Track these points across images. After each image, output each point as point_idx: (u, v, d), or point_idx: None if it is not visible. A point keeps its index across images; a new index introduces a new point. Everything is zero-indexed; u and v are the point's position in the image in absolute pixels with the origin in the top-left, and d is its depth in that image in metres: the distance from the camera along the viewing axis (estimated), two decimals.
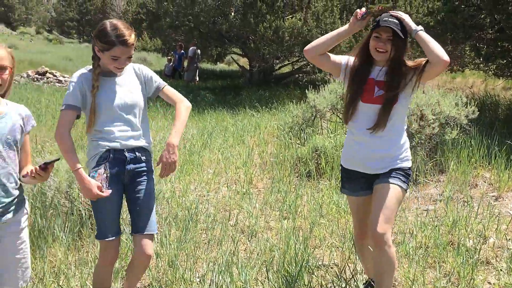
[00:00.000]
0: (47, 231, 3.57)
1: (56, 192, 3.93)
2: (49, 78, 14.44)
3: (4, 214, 2.13)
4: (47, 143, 6.19)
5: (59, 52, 26.38)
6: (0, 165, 2.09)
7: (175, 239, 3.69)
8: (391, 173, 2.67)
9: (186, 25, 15.26)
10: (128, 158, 2.52)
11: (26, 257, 2.28)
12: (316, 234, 3.93)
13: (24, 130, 2.23)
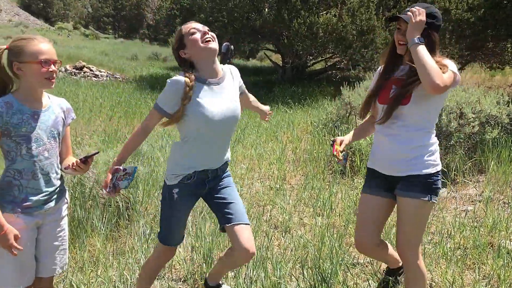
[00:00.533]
0: (86, 221, 3.65)
1: (94, 183, 4.02)
2: (86, 73, 14.77)
3: (46, 203, 2.19)
4: (86, 136, 6.34)
5: (96, 47, 26.95)
6: (44, 156, 2.15)
7: (210, 232, 3.71)
8: (410, 182, 2.43)
9: (220, 21, 15.35)
10: (210, 177, 2.49)
11: (65, 244, 2.36)
12: (351, 232, 3.89)
13: (65, 122, 2.30)
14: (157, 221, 3.91)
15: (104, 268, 3.16)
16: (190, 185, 2.46)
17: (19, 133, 2.07)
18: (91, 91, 10.80)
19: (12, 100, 2.09)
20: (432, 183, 2.43)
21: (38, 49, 2.06)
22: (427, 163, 2.43)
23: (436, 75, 2.19)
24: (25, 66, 2.06)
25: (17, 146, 2.08)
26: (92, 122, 7.88)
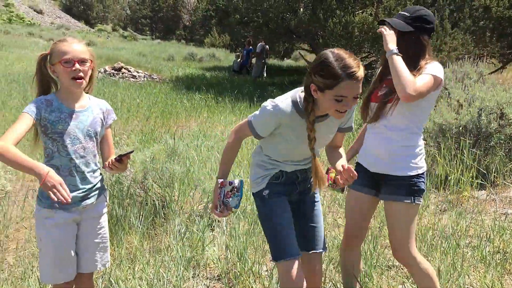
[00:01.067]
0: (124, 219, 3.75)
1: (132, 182, 4.12)
2: (124, 74, 15.08)
3: (84, 200, 2.26)
4: (124, 135, 6.49)
5: (133, 48, 27.50)
6: (80, 154, 2.22)
7: (244, 232, 3.75)
8: (393, 185, 2.45)
9: (255, 21, 15.42)
10: (300, 178, 2.35)
11: (105, 242, 2.42)
12: (386, 234, 3.84)
13: (105, 123, 2.36)
14: (192, 220, 3.98)
15: (141, 265, 3.24)
16: (280, 185, 2.30)
17: (55, 130, 2.14)
18: (129, 92, 11.03)
19: (53, 98, 2.18)
20: (414, 184, 2.44)
21: (62, 50, 2.12)
22: (409, 165, 2.44)
23: (407, 85, 2.24)
24: (55, 67, 2.15)
25: (53, 143, 2.16)
26: (130, 122, 8.07)
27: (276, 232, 2.21)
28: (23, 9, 44.46)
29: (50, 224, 2.19)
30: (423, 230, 3.89)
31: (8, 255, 3.38)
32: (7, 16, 38.30)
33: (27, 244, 3.52)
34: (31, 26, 34.23)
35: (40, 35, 27.04)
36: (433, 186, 5.09)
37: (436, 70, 2.37)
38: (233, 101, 10.73)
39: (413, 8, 2.43)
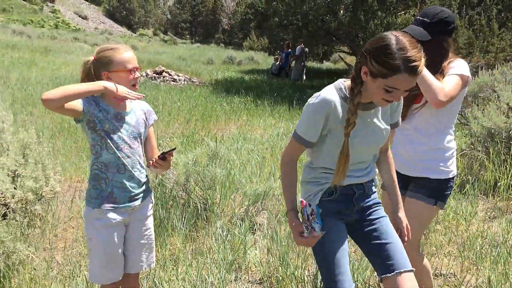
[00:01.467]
0: (167, 221, 3.79)
1: (175, 184, 4.17)
2: (165, 77, 15.35)
3: (132, 200, 2.30)
4: (167, 138, 6.59)
5: (174, 52, 27.96)
6: (127, 154, 2.27)
7: (285, 236, 3.72)
8: (420, 185, 2.44)
9: (294, 24, 15.37)
10: (357, 194, 2.08)
11: (151, 243, 2.46)
12: (432, 241, 3.74)
13: (147, 124, 2.41)
14: (233, 222, 3.99)
15: (184, 267, 3.26)
16: (333, 202, 2.06)
17: (103, 128, 2.20)
18: (169, 95, 11.21)
19: (99, 100, 2.24)
20: (440, 188, 2.42)
21: (125, 58, 2.20)
22: (439, 168, 2.41)
23: (436, 92, 2.22)
24: (114, 75, 2.20)
25: (101, 140, 2.21)
26: (171, 125, 8.19)
27: (327, 260, 1.96)
28: (68, 15, 46.02)
29: (100, 225, 2.23)
30: (472, 238, 3.76)
31: (57, 254, 3.48)
32: (54, 22, 39.74)
33: (75, 244, 3.61)
34: (76, 32, 35.39)
35: (85, 40, 27.90)
36: (482, 192, 4.92)
37: (462, 68, 2.33)
38: (272, 104, 10.73)
39: (431, 12, 2.35)
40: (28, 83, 10.94)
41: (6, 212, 3.30)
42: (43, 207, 3.73)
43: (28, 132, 3.68)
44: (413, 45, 1.73)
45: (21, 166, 3.41)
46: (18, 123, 6.57)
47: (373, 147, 2.02)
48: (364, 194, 2.09)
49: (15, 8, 39.64)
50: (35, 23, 36.93)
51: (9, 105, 7.24)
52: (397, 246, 1.99)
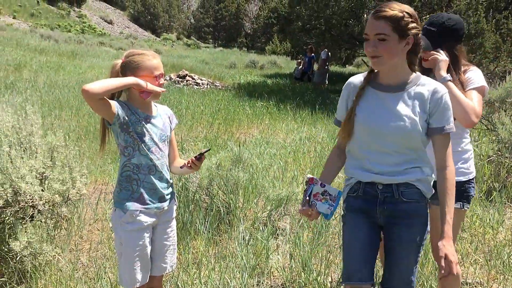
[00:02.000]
0: (190, 224, 3.82)
1: (198, 188, 4.20)
2: (188, 81, 15.49)
3: (162, 201, 2.34)
4: (191, 142, 6.65)
5: (197, 56, 28.21)
6: (158, 157, 2.32)
7: (308, 241, 3.71)
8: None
9: (317, 28, 15.33)
10: (381, 196, 2.03)
11: (174, 244, 2.50)
12: (458, 249, 3.67)
13: (171, 127, 2.46)
14: (256, 227, 3.99)
15: (207, 271, 3.28)
16: (357, 199, 2.08)
17: (135, 131, 2.25)
18: (193, 99, 11.30)
19: (129, 104, 2.28)
20: (464, 191, 2.43)
21: (153, 65, 2.26)
22: (460, 170, 2.41)
23: (470, 113, 2.28)
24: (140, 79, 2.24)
25: (134, 141, 2.26)
26: (194, 128, 8.25)
27: (345, 252, 2.09)
28: (94, 19, 46.86)
29: (132, 228, 2.26)
30: (499, 246, 3.68)
31: (82, 255, 3.54)
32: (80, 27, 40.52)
33: (100, 246, 3.67)
34: (102, 36, 36.00)
35: (110, 44, 28.35)
36: (509, 200, 4.82)
37: (479, 79, 2.40)
38: (295, 109, 10.71)
39: (438, 20, 2.36)
40: (55, 86, 11.17)
41: (33, 214, 3.37)
42: (69, 209, 3.80)
43: (56, 135, 3.75)
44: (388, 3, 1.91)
45: (49, 168, 3.48)
46: (45, 126, 6.72)
47: (393, 133, 1.94)
48: (393, 199, 2.00)
49: (43, 13, 40.56)
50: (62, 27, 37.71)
51: (38, 108, 7.41)
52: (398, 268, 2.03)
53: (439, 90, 1.95)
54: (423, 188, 2.00)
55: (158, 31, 54.21)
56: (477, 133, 6.53)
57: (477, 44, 11.59)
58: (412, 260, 2.02)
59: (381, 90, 2.00)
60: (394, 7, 1.87)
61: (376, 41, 1.89)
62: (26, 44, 19.02)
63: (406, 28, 1.88)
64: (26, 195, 3.19)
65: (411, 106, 1.95)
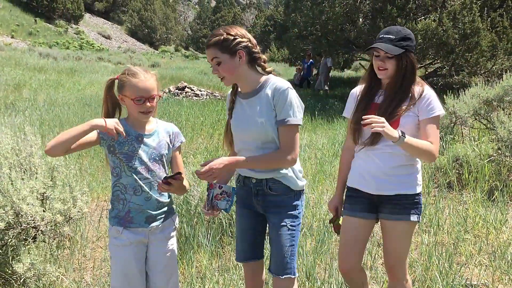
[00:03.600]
0: (192, 238, 3.82)
1: (199, 201, 4.20)
2: (188, 92, 15.51)
3: (149, 222, 2.33)
4: (191, 155, 6.65)
5: (195, 67, 28.25)
6: (144, 175, 2.31)
7: (311, 250, 3.70)
8: (398, 204, 2.40)
9: (313, 34, 15.38)
10: (254, 189, 2.37)
11: (172, 265, 2.45)
12: (462, 251, 3.66)
13: (172, 146, 2.42)
14: None
15: (211, 284, 3.27)
16: (240, 190, 2.45)
17: (121, 151, 2.27)
18: (192, 110, 11.31)
19: (123, 123, 2.30)
20: (418, 202, 2.43)
21: (135, 87, 2.22)
22: (416, 182, 2.44)
23: (431, 154, 2.30)
24: (125, 99, 2.27)
25: (120, 162, 2.29)
26: (194, 140, 8.26)
27: (236, 236, 2.56)
28: (92, 35, 47.10)
29: (118, 243, 2.31)
30: (503, 246, 3.67)
31: (86, 274, 3.54)
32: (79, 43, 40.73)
33: (103, 263, 3.67)
34: (100, 51, 36.16)
35: (109, 59, 28.45)
36: (511, 199, 4.80)
37: (437, 106, 2.35)
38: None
39: (395, 30, 2.39)
40: (55, 104, 11.21)
41: (36, 235, 3.38)
42: (72, 228, 3.81)
43: None
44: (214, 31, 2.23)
45: (50, 188, 3.50)
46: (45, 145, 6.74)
47: (251, 132, 2.25)
48: (264, 191, 2.32)
49: (41, 32, 40.79)
50: (61, 45, 37.90)
51: (37, 128, 7.44)
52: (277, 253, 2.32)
53: (280, 86, 2.21)
54: (288, 183, 2.30)
55: (156, 44, 54.41)
56: (476, 133, 6.52)
57: (473, 43, 11.61)
58: (286, 243, 2.30)
59: (242, 98, 2.33)
60: (215, 33, 2.20)
61: (215, 65, 2.21)
62: (25, 63, 19.11)
63: (232, 46, 2.17)
64: (28, 217, 3.21)
65: (264, 106, 2.23)
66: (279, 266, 2.32)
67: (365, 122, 2.17)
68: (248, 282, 2.57)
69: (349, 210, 2.54)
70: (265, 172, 2.29)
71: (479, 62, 11.94)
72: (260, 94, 2.25)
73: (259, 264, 2.53)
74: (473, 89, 6.65)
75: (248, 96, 2.30)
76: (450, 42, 11.80)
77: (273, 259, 2.35)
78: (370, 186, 2.45)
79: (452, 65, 12.70)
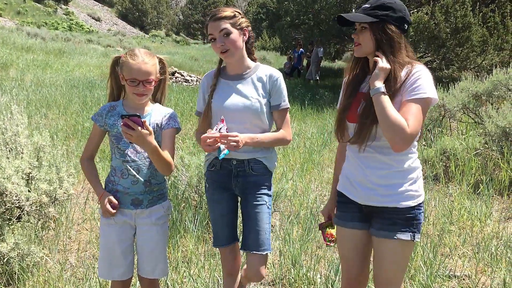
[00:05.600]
0: (179, 223, 3.80)
1: (187, 186, 4.18)
2: (177, 78, 15.41)
3: (135, 204, 2.31)
4: (179, 139, 6.62)
5: (186, 52, 28.03)
6: (131, 158, 2.29)
7: (298, 238, 3.71)
8: (387, 219, 2.03)
9: (306, 23, 15.32)
10: (235, 171, 2.40)
11: (159, 252, 2.40)
12: (446, 242, 3.70)
13: (162, 127, 2.36)
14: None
15: (197, 269, 3.27)
16: (216, 174, 2.45)
17: (112, 133, 2.30)
18: (182, 96, 11.25)
19: (119, 104, 2.32)
20: (413, 218, 2.02)
21: (130, 69, 2.19)
22: (407, 193, 2.01)
23: (398, 134, 1.86)
24: (123, 79, 2.25)
25: (112, 145, 2.32)
26: (183, 125, 8.21)
27: (212, 220, 2.54)
28: (82, 17, 46.44)
29: (103, 222, 2.35)
30: (487, 239, 3.72)
31: (71, 256, 3.51)
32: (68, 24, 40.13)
33: (88, 246, 3.65)
34: (89, 33, 35.67)
35: (98, 41, 28.08)
36: (496, 192, 4.86)
37: (427, 88, 1.93)
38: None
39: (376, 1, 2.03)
40: (43, 85, 11.06)
41: (20, 215, 3.34)
42: (57, 209, 3.77)
43: (42, 135, 3.72)
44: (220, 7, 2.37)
45: (35, 169, 3.45)
46: (32, 125, 6.66)
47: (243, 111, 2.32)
48: (245, 172, 2.39)
49: (30, 11, 40.10)
50: (49, 25, 37.31)
51: (24, 107, 7.33)
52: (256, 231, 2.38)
53: (274, 74, 2.40)
54: (268, 163, 2.43)
55: (146, 28, 53.82)
56: (464, 126, 6.57)
57: (464, 38, 11.65)
58: (265, 220, 2.41)
59: (230, 80, 2.41)
60: (224, 9, 2.33)
61: (223, 37, 2.28)
62: (12, 43, 18.78)
63: (241, 23, 2.32)
64: (13, 196, 3.16)
65: (256, 89, 2.36)
66: (258, 242, 2.40)
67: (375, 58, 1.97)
68: (228, 265, 2.57)
69: (340, 219, 2.22)
70: (246, 153, 2.36)
71: (469, 56, 12.01)
72: (251, 78, 2.39)
73: (237, 246, 2.58)
74: (463, 83, 6.69)
75: (238, 78, 2.41)
76: (441, 35, 11.84)
77: (252, 236, 2.40)
78: (357, 194, 2.12)
79: (443, 59, 12.76)
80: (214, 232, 2.54)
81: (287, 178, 5.20)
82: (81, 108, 8.69)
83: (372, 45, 2.01)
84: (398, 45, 2.00)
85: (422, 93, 1.91)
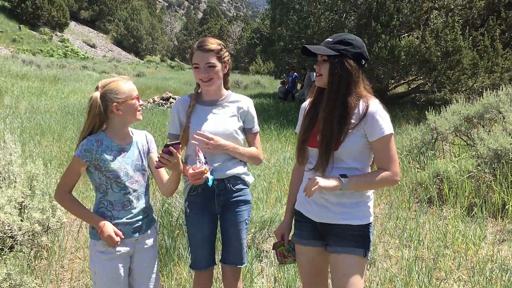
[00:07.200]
0: (173, 250, 3.78)
1: (181, 212, 4.17)
2: (172, 103, 15.50)
3: (136, 231, 2.32)
4: None
5: (181, 77, 28.26)
6: (133, 188, 2.30)
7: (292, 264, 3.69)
8: (342, 236, 2.13)
9: (299, 48, 15.48)
10: (217, 190, 2.52)
11: (156, 272, 2.44)
12: (441, 266, 3.69)
13: (148, 152, 2.42)
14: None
15: None
16: (198, 197, 2.54)
17: (108, 169, 2.24)
18: None
19: (103, 137, 2.28)
20: (366, 235, 2.15)
21: (130, 87, 2.28)
22: (364, 213, 2.16)
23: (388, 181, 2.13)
24: (122, 105, 2.24)
25: (108, 180, 2.26)
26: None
27: (192, 243, 2.64)
28: (77, 44, 46.83)
29: (105, 258, 2.25)
30: (481, 262, 3.71)
31: (63, 285, 3.47)
32: (63, 51, 40.43)
33: (81, 275, 3.61)
34: (84, 60, 35.93)
35: (93, 68, 28.30)
36: (490, 215, 4.87)
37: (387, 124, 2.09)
38: (279, 128, 10.76)
39: (337, 35, 2.17)
40: (37, 112, 11.09)
41: (13, 244, 3.32)
42: (50, 238, 3.74)
43: (35, 163, 3.72)
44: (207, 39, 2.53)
45: (28, 197, 3.44)
46: (26, 153, 6.65)
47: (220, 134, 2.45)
48: (226, 190, 2.52)
49: (25, 39, 40.42)
50: (45, 52, 37.59)
51: (18, 135, 7.33)
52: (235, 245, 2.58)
53: (246, 102, 2.62)
54: (247, 178, 2.61)
55: (141, 54, 54.35)
56: (457, 149, 6.62)
57: (455, 61, 11.81)
58: (243, 236, 2.59)
59: (207, 105, 2.56)
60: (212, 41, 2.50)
61: (207, 68, 2.45)
62: (7, 70, 18.89)
63: (224, 57, 2.51)
64: (5, 226, 3.15)
65: (230, 114, 2.55)
66: (238, 257, 2.61)
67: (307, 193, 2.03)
68: (203, 285, 2.66)
69: (297, 237, 2.32)
70: (226, 171, 2.50)
71: (460, 79, 12.15)
72: (226, 104, 2.59)
73: (213, 268, 2.70)
74: (454, 106, 6.76)
75: (213, 104, 2.58)
76: (432, 59, 12.00)
77: (232, 251, 2.60)
78: (312, 212, 2.22)
79: (434, 82, 12.89)
80: (193, 256, 2.65)
81: (282, 203, 5.19)
82: (76, 134, 8.69)
83: (330, 77, 2.12)
84: (356, 78, 2.12)
85: (386, 130, 2.09)
